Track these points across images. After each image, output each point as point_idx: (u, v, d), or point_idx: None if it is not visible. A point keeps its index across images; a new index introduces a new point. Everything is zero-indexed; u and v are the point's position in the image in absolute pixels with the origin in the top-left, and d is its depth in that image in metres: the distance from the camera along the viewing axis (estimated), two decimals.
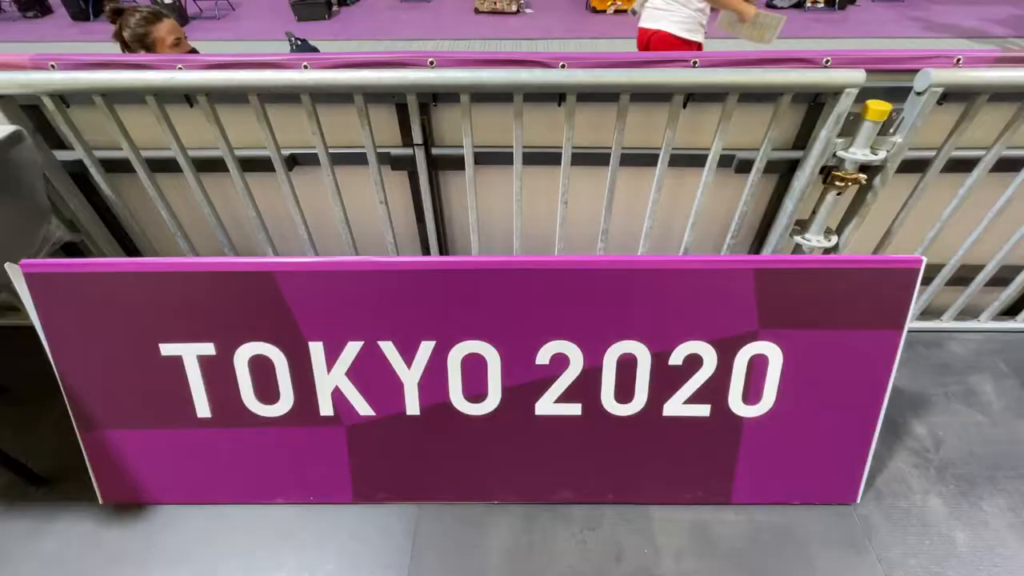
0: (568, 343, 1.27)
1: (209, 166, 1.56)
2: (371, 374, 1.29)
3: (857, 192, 1.56)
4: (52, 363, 1.26)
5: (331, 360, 1.28)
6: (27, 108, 1.45)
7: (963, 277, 1.79)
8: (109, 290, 1.20)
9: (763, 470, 1.37)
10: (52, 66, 1.38)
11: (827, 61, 1.38)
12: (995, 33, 6.26)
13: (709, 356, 1.27)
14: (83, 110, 1.47)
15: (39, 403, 1.63)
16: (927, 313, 1.95)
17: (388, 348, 1.27)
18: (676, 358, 1.27)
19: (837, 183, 1.47)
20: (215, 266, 1.20)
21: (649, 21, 2.75)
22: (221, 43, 6.66)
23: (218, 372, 1.28)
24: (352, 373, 1.29)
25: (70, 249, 1.70)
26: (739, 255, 1.87)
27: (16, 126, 1.33)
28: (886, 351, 1.26)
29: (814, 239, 1.62)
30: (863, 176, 1.46)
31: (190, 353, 1.26)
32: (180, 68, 1.35)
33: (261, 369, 1.28)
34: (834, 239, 1.63)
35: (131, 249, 1.83)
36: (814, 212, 1.60)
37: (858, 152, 1.41)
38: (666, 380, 1.30)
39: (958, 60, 1.38)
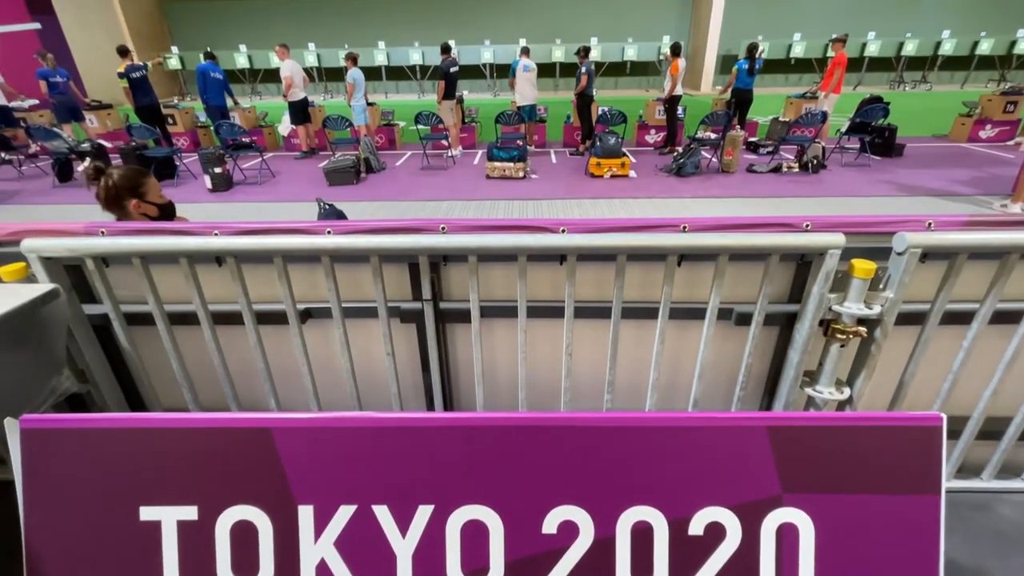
0: (577, 508, 1.17)
1: (225, 319, 1.63)
2: (362, 544, 1.18)
3: (861, 344, 1.57)
4: (22, 526, 1.17)
5: (320, 527, 1.18)
6: (68, 267, 1.57)
7: (993, 431, 1.70)
8: (99, 446, 1.17)
9: None
10: (102, 232, 1.53)
11: (807, 225, 1.48)
12: (962, 192, 6.82)
13: (732, 524, 1.16)
14: (117, 268, 1.59)
15: None
16: (964, 470, 1.81)
17: (382, 513, 1.18)
18: (696, 527, 1.16)
19: (838, 336, 1.49)
20: (211, 422, 1.18)
21: None
22: (261, 204, 7.44)
23: (196, 540, 1.17)
24: (341, 543, 1.18)
25: (72, 399, 1.69)
26: (750, 411, 1.81)
27: (54, 284, 1.43)
28: (927, 519, 1.14)
29: (826, 391, 1.58)
30: (863, 329, 1.48)
31: (170, 518, 1.17)
32: (216, 234, 1.49)
33: (243, 537, 1.18)
34: (847, 391, 1.59)
35: (135, 400, 1.83)
36: (821, 364, 1.59)
37: (852, 306, 1.45)
38: (687, 553, 1.16)
39: (929, 224, 1.48)
